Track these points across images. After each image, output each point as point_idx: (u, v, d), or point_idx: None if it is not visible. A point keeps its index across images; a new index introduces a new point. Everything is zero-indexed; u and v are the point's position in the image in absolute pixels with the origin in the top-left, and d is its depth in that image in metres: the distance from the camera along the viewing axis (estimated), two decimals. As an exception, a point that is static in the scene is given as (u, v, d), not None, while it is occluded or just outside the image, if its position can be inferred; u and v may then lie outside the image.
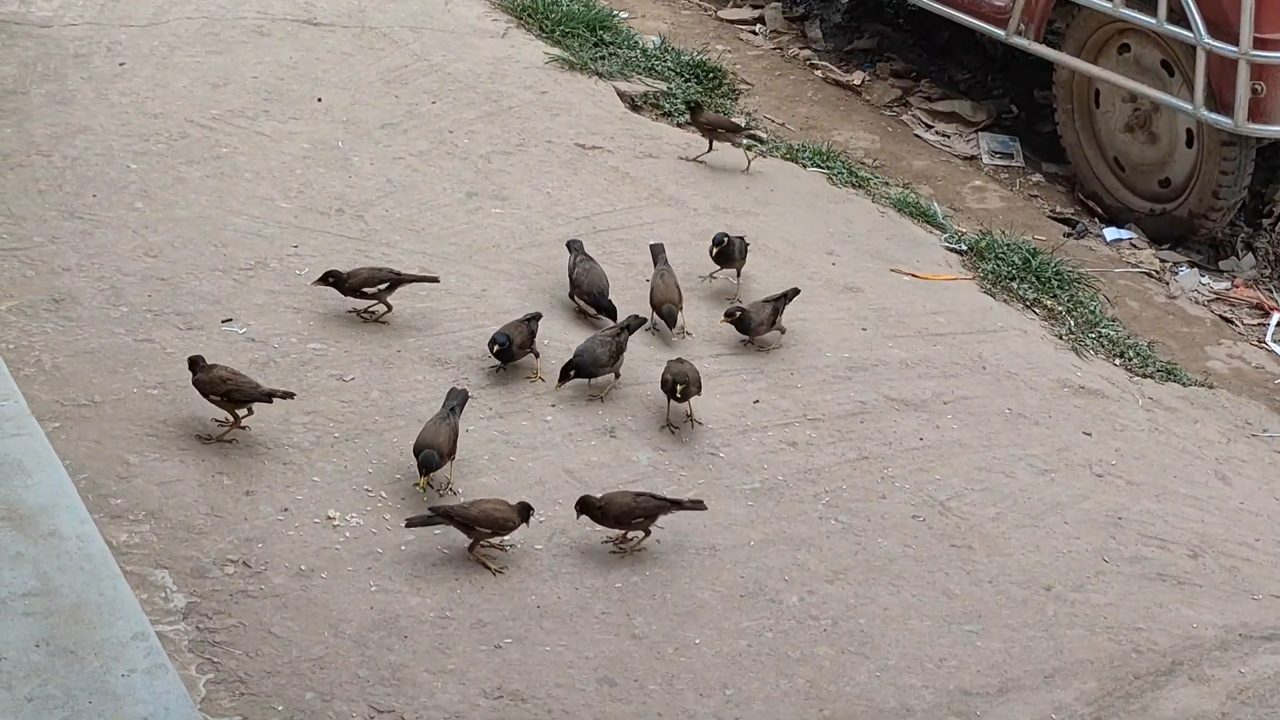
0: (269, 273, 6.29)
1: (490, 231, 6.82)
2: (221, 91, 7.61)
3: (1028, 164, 8.66)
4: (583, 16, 8.89)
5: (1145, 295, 7.52)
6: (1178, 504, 5.84)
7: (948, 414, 6.10)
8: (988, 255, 7.35)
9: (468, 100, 7.88)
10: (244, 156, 7.10)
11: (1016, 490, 5.75)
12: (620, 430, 5.73)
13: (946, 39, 9.64)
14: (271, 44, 8.13)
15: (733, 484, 5.56)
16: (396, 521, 5.13)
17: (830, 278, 6.92)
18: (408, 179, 7.12)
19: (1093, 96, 8.20)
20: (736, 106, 8.67)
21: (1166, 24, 7.43)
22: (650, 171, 7.52)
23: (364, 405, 5.64)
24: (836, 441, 5.86)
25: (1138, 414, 6.39)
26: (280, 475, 5.28)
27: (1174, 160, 7.90)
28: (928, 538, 5.44)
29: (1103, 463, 5.99)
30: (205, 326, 5.93)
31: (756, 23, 9.89)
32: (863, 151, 8.48)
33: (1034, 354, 6.63)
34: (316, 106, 7.61)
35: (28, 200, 6.58)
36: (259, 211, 6.69)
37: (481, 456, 5.49)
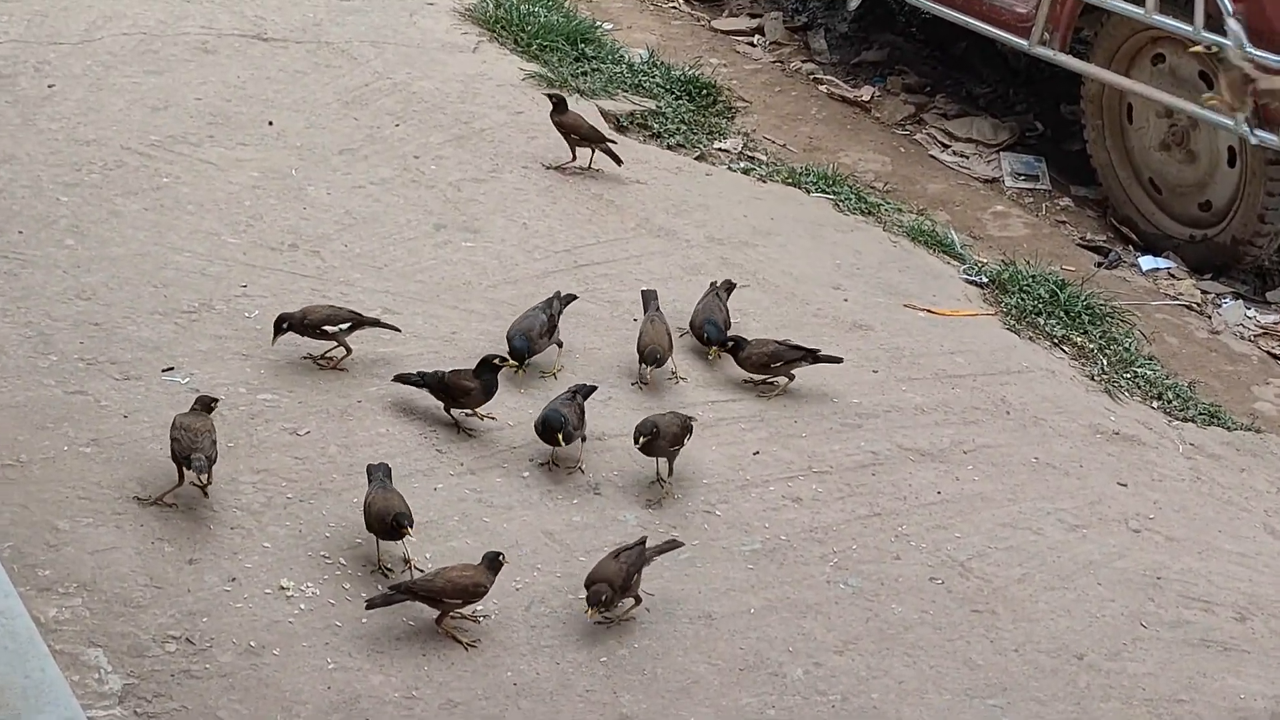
0: (215, 316, 6.30)
1: (460, 267, 6.84)
2: (161, 115, 7.63)
3: (1054, 186, 8.70)
4: (562, 28, 8.93)
5: (1185, 330, 7.55)
6: (1223, 562, 5.84)
7: (968, 464, 6.11)
8: (1011, 288, 7.37)
9: (435, 122, 7.91)
10: (186, 187, 7.11)
11: (1044, 548, 5.75)
12: (605, 487, 5.73)
13: (964, 50, 9.70)
14: (217, 62, 8.16)
15: (730, 545, 5.56)
16: (357, 591, 5.13)
17: (837, 315, 6.94)
18: (369, 210, 7.14)
19: (1125, 112, 8.25)
20: (733, 126, 8.71)
21: (1204, 32, 7.48)
22: (638, 199, 7.55)
23: (320, 462, 5.64)
24: (845, 496, 5.86)
25: (1178, 462, 6.40)
26: (227, 541, 5.27)
27: (1215, 181, 7.94)
28: (947, 602, 5.44)
29: (1140, 516, 6.00)
30: (144, 376, 5.92)
31: (754, 34, 9.94)
32: (872, 175, 8.52)
33: (1063, 397, 6.65)
34: (267, 131, 7.63)
35: (-53, 238, 6.60)
36: (203, 248, 6.70)
37: (451, 517, 5.49)
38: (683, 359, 6.42)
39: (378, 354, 6.17)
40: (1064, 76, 8.72)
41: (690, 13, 10.14)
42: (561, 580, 5.29)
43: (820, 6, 10.18)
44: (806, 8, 10.21)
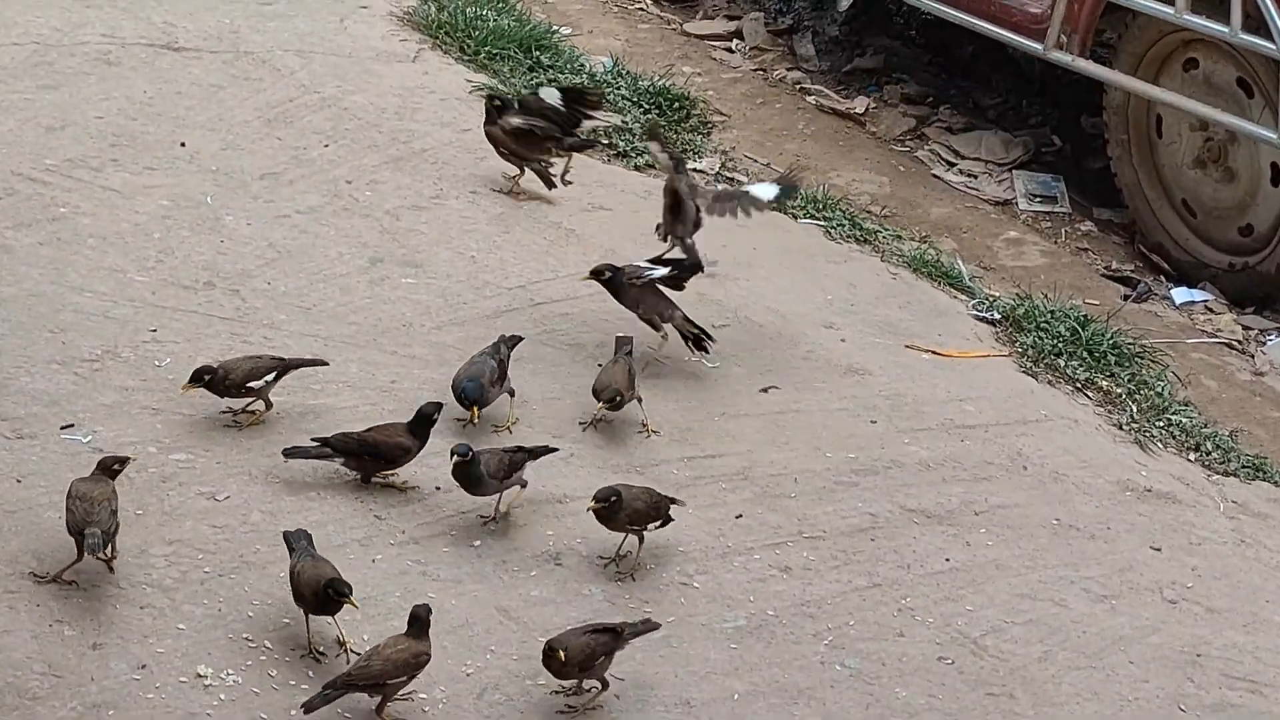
0: (120, 365, 6.29)
1: (399, 307, 6.85)
2: (58, 136, 7.63)
3: (1075, 209, 8.75)
4: (514, 34, 8.97)
5: (1226, 372, 7.59)
6: (1272, 636, 5.86)
7: (980, 528, 6.13)
8: (1027, 325, 7.41)
9: (370, 142, 7.93)
10: (87, 218, 7.11)
11: (1068, 622, 5.77)
12: (567, 556, 5.73)
13: (970, 55, 9.76)
14: (121, 75, 8.17)
15: (711, 621, 5.56)
16: (285, 679, 5.12)
17: (830, 357, 6.97)
18: (295, 242, 7.14)
19: (1154, 124, 8.30)
20: (710, 143, 8.75)
21: (1242, 33, 7.54)
22: (602, 227, 7.57)
23: (242, 531, 5.63)
24: (841, 565, 5.87)
25: (1219, 522, 6.43)
26: (136, 623, 5.25)
27: (1257, 202, 8.00)
28: (958, 685, 5.45)
29: (1176, 585, 6.02)
30: (39, 434, 5.91)
31: (733, 38, 9.99)
32: (869, 197, 8.56)
33: (1087, 449, 6.67)
34: (179, 153, 7.64)
35: None
36: (107, 287, 6.70)
37: (392, 593, 5.48)
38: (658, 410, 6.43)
39: (307, 406, 6.18)
40: (1084, 85, 8.78)
41: (660, 15, 10.18)
42: (518, 663, 5.29)
43: (807, 7, 10.24)
44: (791, 8, 10.27)
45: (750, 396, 6.66)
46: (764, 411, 6.57)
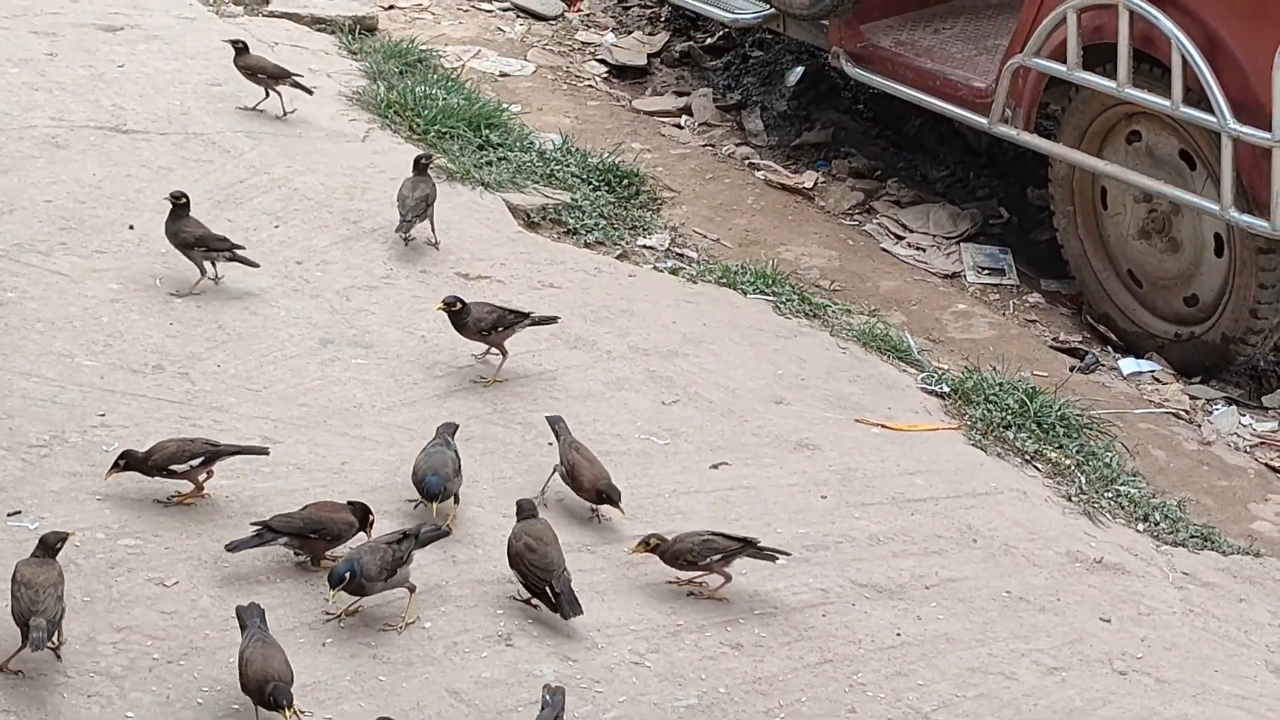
0: (68, 450, 6.27)
1: (350, 388, 6.85)
2: (5, 220, 7.62)
3: (1022, 281, 8.80)
4: (463, 112, 9.01)
5: (1173, 442, 7.62)
6: (1222, 706, 5.87)
7: (931, 601, 6.14)
8: (976, 398, 7.44)
9: (320, 222, 7.94)
10: (34, 302, 7.10)
11: (1019, 695, 5.76)
12: (518, 636, 5.72)
13: (917, 129, 9.83)
14: (69, 158, 8.17)
15: (662, 700, 5.55)
16: (233, 766, 5.10)
17: (780, 433, 6.98)
18: (244, 324, 7.14)
19: (1099, 196, 8.37)
20: (659, 219, 8.78)
21: (1183, 107, 7.61)
22: (552, 305, 7.58)
23: (191, 617, 5.61)
24: (792, 641, 5.87)
25: (1168, 593, 6.44)
26: (84, 711, 5.22)
27: (1201, 273, 8.06)
28: (910, 761, 5.46)
29: (1126, 656, 6.03)
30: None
31: (681, 114, 10.06)
32: (818, 272, 8.60)
33: (1037, 521, 6.69)
34: (128, 236, 7.64)
35: None
36: (54, 372, 6.68)
37: (343, 677, 5.45)
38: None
39: (256, 489, 6.16)
40: (1030, 158, 8.85)
41: (609, 92, 10.23)
42: (470, 747, 5.28)
43: (755, 82, 10.31)
44: (740, 84, 10.34)
45: (700, 473, 6.66)
46: (715, 488, 6.57)
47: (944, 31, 9.05)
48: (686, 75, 10.49)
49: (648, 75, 10.47)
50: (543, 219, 8.42)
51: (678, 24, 10.90)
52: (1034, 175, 9.02)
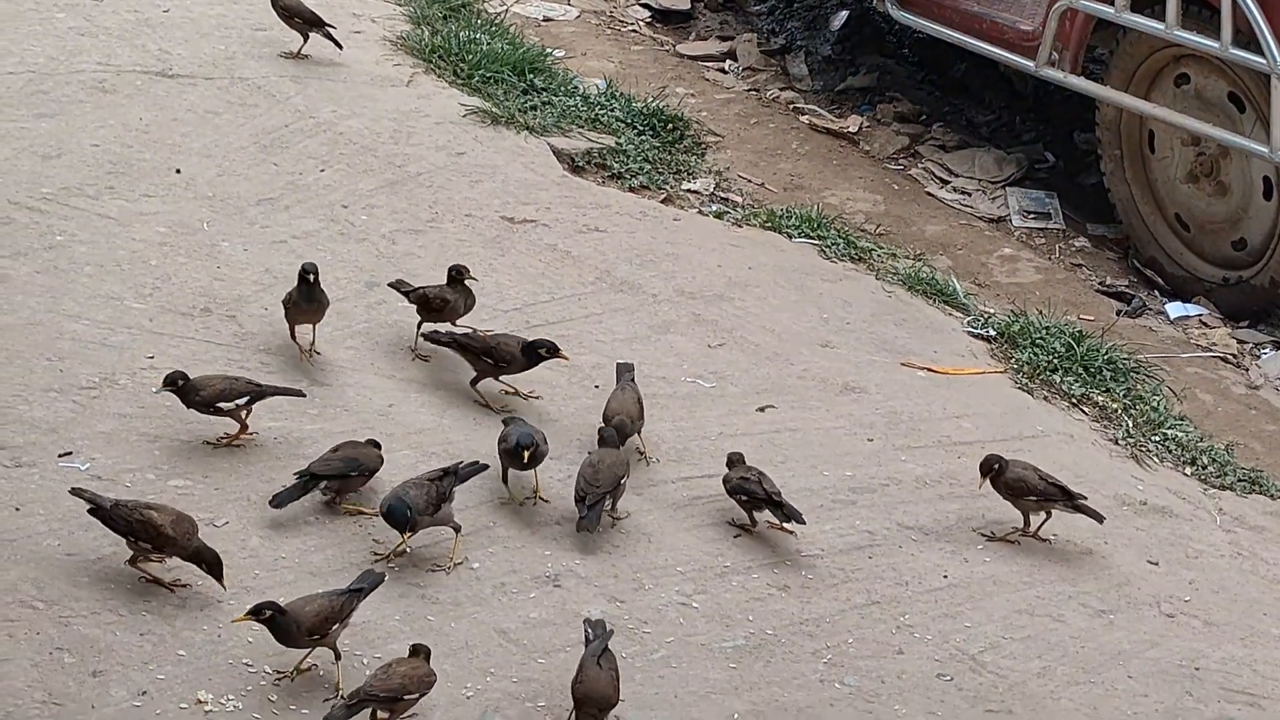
0: (118, 392, 6.30)
1: (396, 331, 6.86)
2: (54, 164, 7.64)
3: (1069, 225, 8.77)
4: (508, 57, 8.99)
5: (1221, 386, 7.60)
6: (1271, 648, 5.87)
7: (978, 544, 6.14)
8: (1022, 342, 7.43)
9: (365, 166, 7.95)
10: (84, 245, 7.12)
11: (1066, 638, 5.77)
12: (566, 577, 5.74)
13: (963, 73, 9.79)
14: (116, 103, 8.18)
15: (710, 641, 5.57)
16: (284, 703, 5.12)
17: (826, 376, 6.98)
18: (291, 268, 7.13)
19: (1146, 140, 8.32)
20: (704, 164, 8.76)
21: (1232, 48, 7.56)
22: (597, 249, 7.59)
23: (241, 556, 5.63)
24: (839, 583, 5.88)
25: (1216, 536, 6.44)
26: (136, 650, 5.25)
27: (1250, 216, 8.02)
28: (957, 701, 5.45)
29: (1174, 599, 6.03)
30: (38, 462, 5.92)
31: (726, 59, 10.02)
32: (863, 216, 8.57)
33: (1084, 464, 6.68)
34: (175, 180, 7.65)
35: None
36: (104, 315, 6.71)
37: (392, 617, 5.48)
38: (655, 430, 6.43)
39: (304, 431, 6.18)
40: (1077, 101, 8.80)
41: (653, 37, 10.20)
42: (518, 685, 5.29)
43: (799, 27, 10.27)
44: (784, 29, 10.29)
45: (747, 416, 6.67)
46: (761, 431, 6.58)
47: (991, -26, 9.00)
48: (730, 20, 10.45)
49: (691, 20, 10.43)
50: (587, 163, 8.41)
51: (722, -32, 10.88)
52: (1081, 119, 8.97)
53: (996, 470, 6.10)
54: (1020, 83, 9.52)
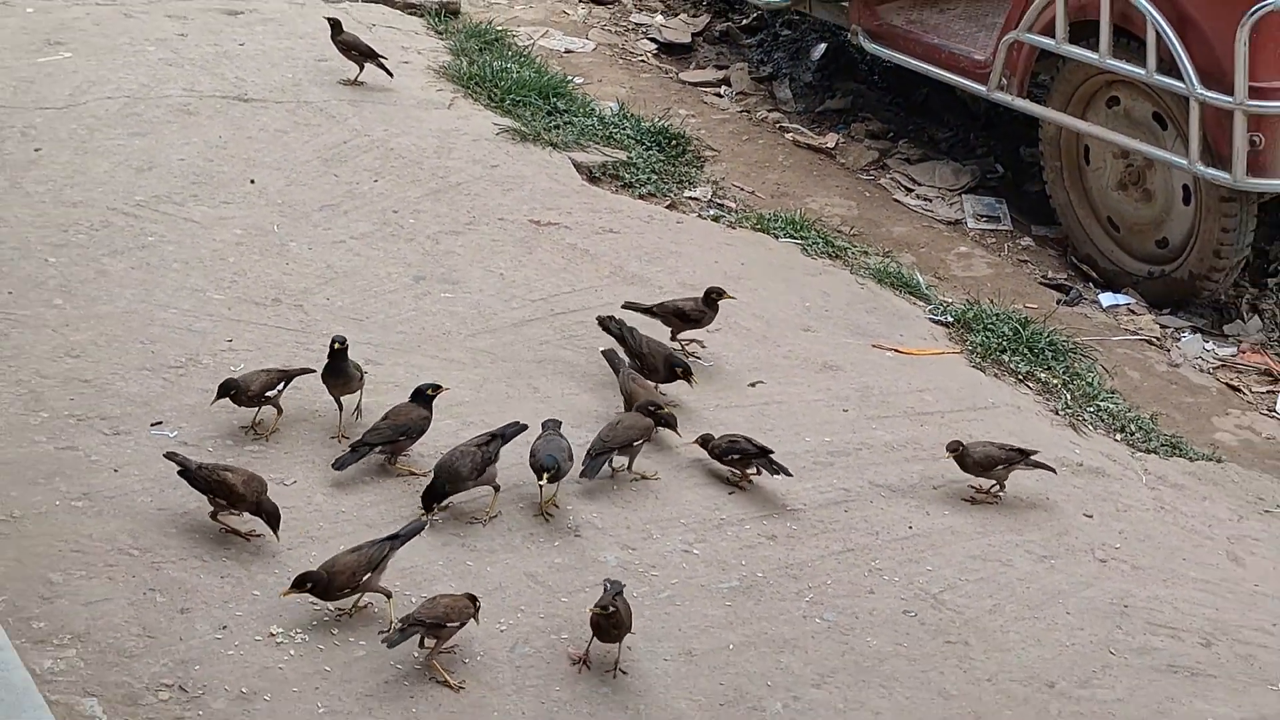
0: (201, 370, 6.31)
1: (440, 318, 6.86)
2: (146, 176, 7.65)
3: (1016, 227, 8.75)
4: (534, 84, 8.97)
5: (1146, 364, 7.59)
6: (1188, 588, 5.86)
7: (938, 499, 6.14)
8: (976, 327, 7.41)
9: (412, 177, 7.94)
10: (171, 245, 7.13)
11: (1014, 579, 5.77)
12: (585, 529, 5.74)
13: (924, 96, 9.76)
14: (199, 123, 8.19)
15: (708, 583, 5.57)
16: (345, 636, 5.13)
17: (807, 356, 6.97)
18: (349, 264, 7.16)
19: (1082, 153, 8.30)
20: (702, 174, 8.74)
21: (1157, 75, 7.54)
22: (611, 248, 7.58)
23: (307, 511, 5.65)
24: (819, 533, 5.88)
25: (1142, 493, 6.43)
26: (218, 590, 5.27)
27: (1171, 219, 7.99)
28: (920, 634, 5.46)
29: (1106, 546, 6.02)
30: (133, 431, 5.93)
31: (721, 84, 9.99)
32: (839, 219, 8.56)
33: (1029, 432, 6.67)
34: (249, 189, 7.66)
35: (-62, 300, 6.61)
36: (189, 304, 6.72)
37: (436, 563, 5.49)
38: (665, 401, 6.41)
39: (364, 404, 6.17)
40: (1022, 120, 8.79)
41: (659, 66, 10.18)
42: (544, 621, 5.29)
43: (785, 57, 10.25)
44: (771, 58, 10.27)
45: (740, 390, 6.66)
46: (752, 403, 6.57)
47: (948, 11, 8.97)
48: (725, 51, 10.42)
49: (692, 51, 10.40)
50: (603, 174, 8.39)
51: (717, 6, 10.82)
52: (1026, 135, 8.95)
53: (960, 452, 6.08)
54: (974, 104, 9.49)
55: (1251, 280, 8.14)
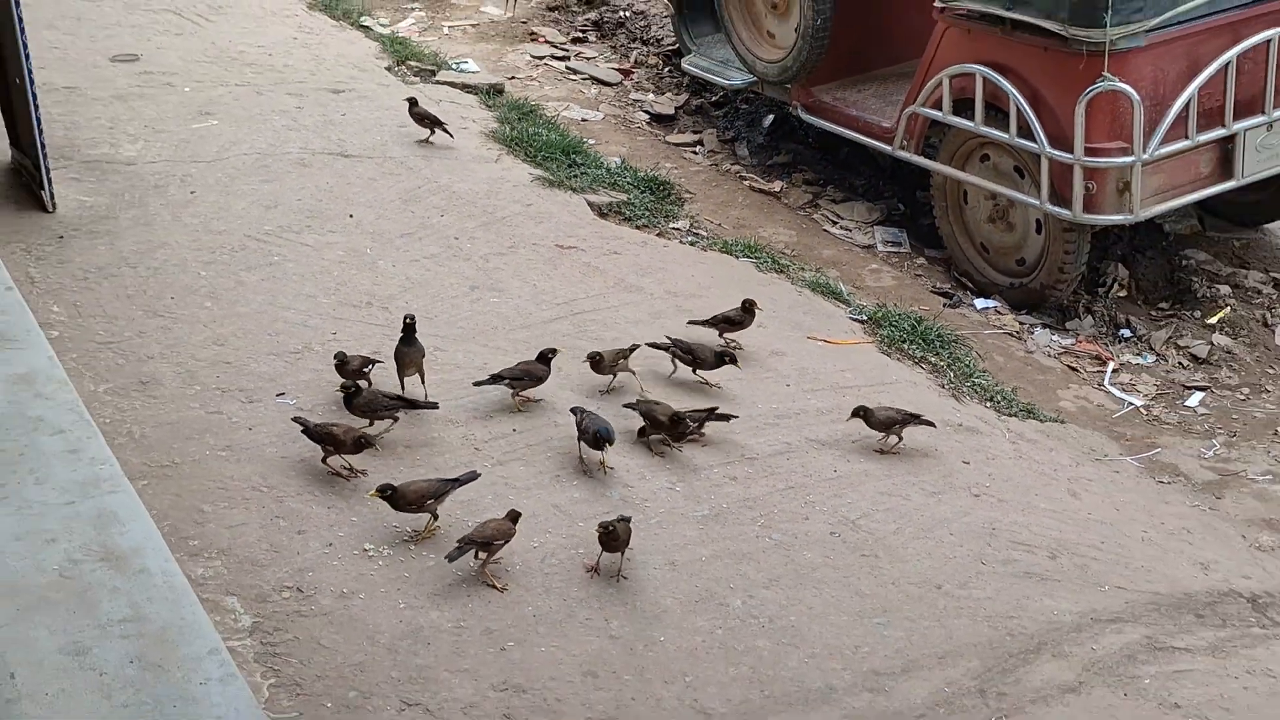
0: (313, 355, 6.29)
1: (489, 316, 6.83)
2: (272, 212, 7.63)
3: (913, 250, 8.70)
4: (559, 144, 8.93)
5: (1008, 351, 7.57)
6: (1039, 516, 5.86)
7: (856, 451, 6.12)
8: (884, 323, 7.38)
9: (468, 213, 7.91)
10: (291, 263, 7.10)
11: (911, 509, 5.76)
12: (596, 472, 5.72)
13: (846, 153, 9.72)
14: (311, 173, 8.15)
15: (687, 512, 5.56)
16: (419, 552, 5.12)
17: (760, 344, 6.94)
18: (422, 276, 7.13)
19: (961, 196, 8.26)
20: (682, 211, 8.70)
21: (1017, 138, 7.51)
22: (615, 265, 7.55)
23: (390, 458, 5.63)
24: (768, 475, 5.87)
25: (1005, 445, 6.42)
26: (325, 517, 5.26)
27: (1027, 244, 7.96)
28: (842, 550, 5.45)
29: (978, 485, 6.01)
30: (263, 400, 5.91)
31: (696, 145, 9.94)
32: (783, 244, 8.53)
33: (922, 401, 6.65)
34: (348, 221, 7.63)
35: (119, 303, 6.57)
36: (304, 306, 6.70)
37: (486, 497, 5.48)
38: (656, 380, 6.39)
39: (432, 380, 6.13)
40: (918, 172, 8.76)
41: (650, 131, 10.12)
42: (566, 540, 5.29)
43: (743, 124, 10.19)
44: (733, 126, 10.21)
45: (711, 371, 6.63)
46: (720, 379, 6.53)
47: (864, 91, 8.92)
48: (699, 120, 10.36)
49: (675, 120, 10.33)
50: (609, 210, 8.34)
51: (694, 87, 10.76)
52: (920, 183, 8.90)
53: (865, 415, 6.04)
54: (882, 160, 9.44)
55: (1086, 289, 8.11)
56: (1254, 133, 7.54)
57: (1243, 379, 7.43)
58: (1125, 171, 7.23)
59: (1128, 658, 5.00)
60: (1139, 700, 4.81)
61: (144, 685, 4.20)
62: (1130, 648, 5.05)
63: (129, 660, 4.29)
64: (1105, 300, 8.06)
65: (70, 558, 4.57)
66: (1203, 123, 7.36)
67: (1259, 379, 7.43)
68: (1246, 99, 7.49)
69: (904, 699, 4.73)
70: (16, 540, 4.61)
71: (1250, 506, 6.22)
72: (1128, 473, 6.38)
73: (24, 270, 6.74)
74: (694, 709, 4.60)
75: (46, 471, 4.96)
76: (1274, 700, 4.85)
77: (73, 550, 4.59)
